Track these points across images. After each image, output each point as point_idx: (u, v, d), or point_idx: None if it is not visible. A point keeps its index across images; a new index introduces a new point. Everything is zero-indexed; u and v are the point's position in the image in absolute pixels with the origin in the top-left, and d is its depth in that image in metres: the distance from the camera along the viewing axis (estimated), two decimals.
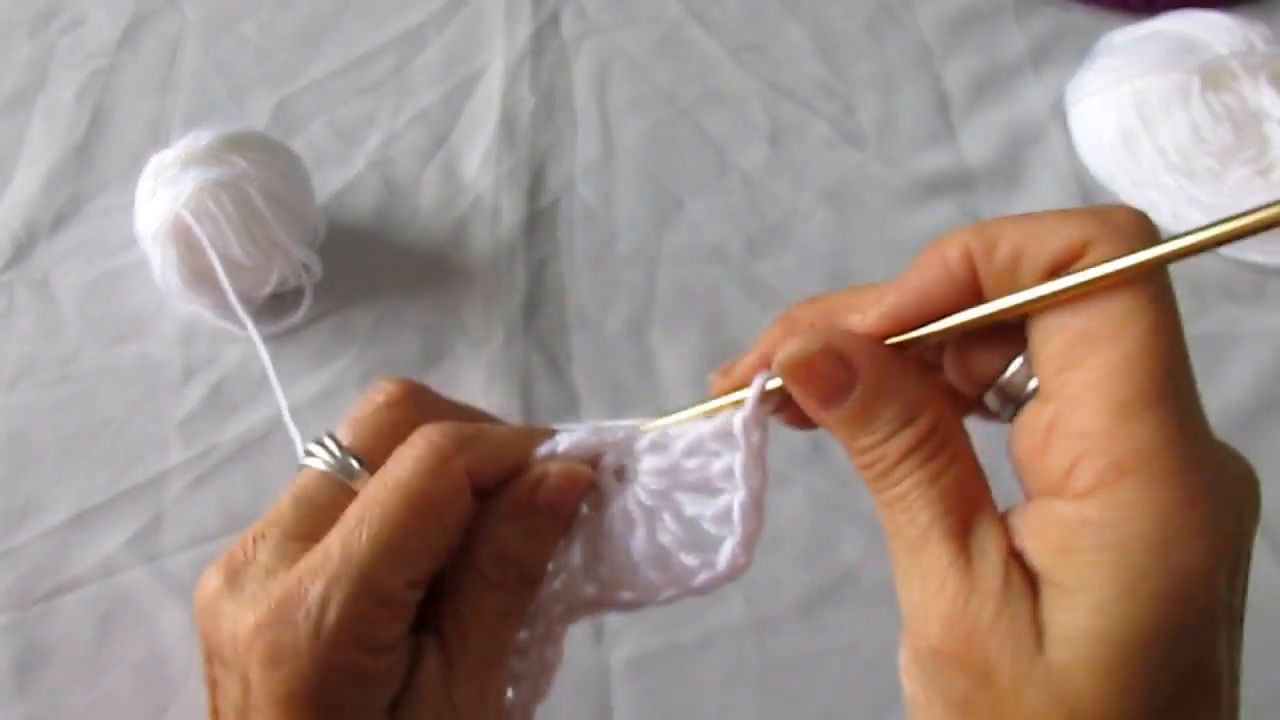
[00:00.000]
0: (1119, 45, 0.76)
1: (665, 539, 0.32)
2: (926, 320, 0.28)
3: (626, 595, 0.33)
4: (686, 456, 0.32)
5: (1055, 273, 0.25)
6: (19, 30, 0.83)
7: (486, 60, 0.81)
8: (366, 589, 0.28)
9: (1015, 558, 0.25)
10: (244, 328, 0.62)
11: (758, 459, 0.31)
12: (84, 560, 0.57)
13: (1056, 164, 0.75)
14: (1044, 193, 0.73)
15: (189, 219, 0.61)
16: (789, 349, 0.28)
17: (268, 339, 0.64)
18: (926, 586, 0.25)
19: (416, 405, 0.34)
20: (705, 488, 0.32)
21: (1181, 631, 0.23)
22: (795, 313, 0.31)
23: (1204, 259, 0.67)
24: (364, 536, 0.29)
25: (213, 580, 0.30)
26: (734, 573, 0.31)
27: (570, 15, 0.84)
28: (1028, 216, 0.26)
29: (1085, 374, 0.24)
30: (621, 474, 0.33)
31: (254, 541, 0.31)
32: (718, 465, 0.32)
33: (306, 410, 0.62)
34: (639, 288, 0.68)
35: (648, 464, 0.33)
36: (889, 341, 0.28)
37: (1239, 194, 0.68)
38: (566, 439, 0.33)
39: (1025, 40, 0.82)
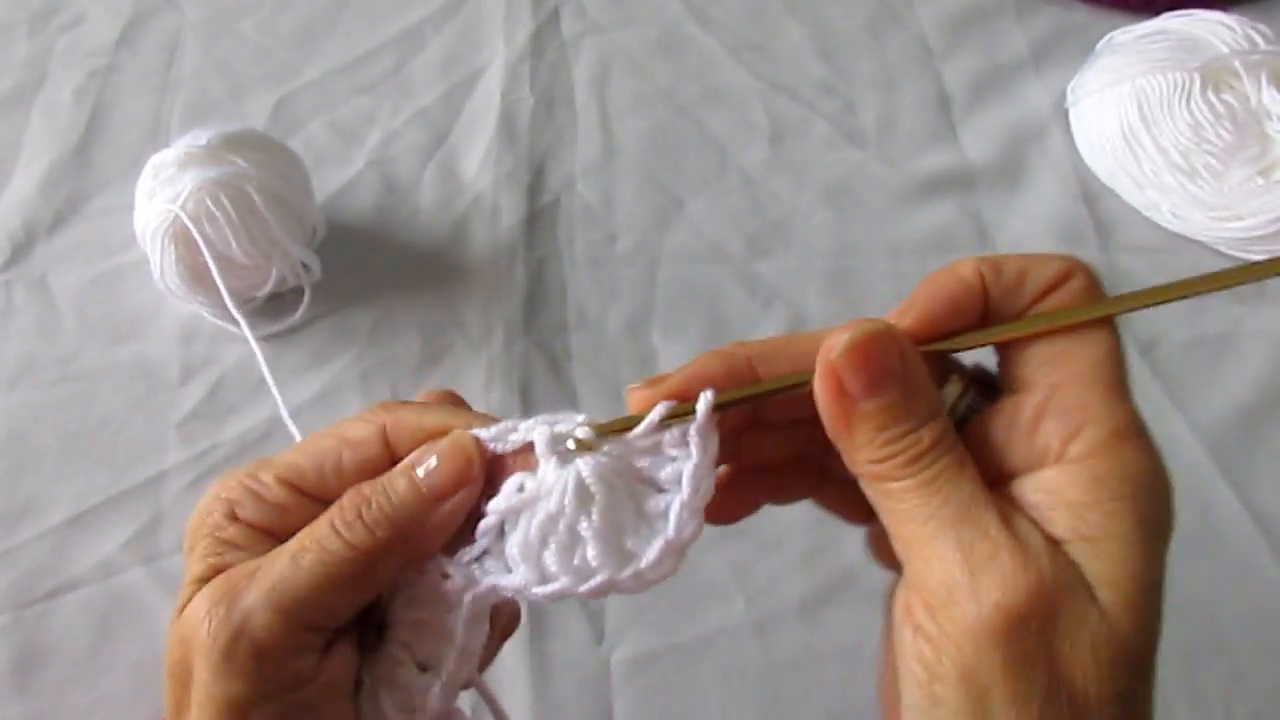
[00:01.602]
0: (1120, 44, 0.76)
1: (622, 515, 0.32)
2: (942, 330, 0.31)
3: (553, 585, 0.32)
4: (639, 453, 0.32)
5: (1050, 291, 0.30)
6: (17, 29, 0.83)
7: (486, 60, 0.81)
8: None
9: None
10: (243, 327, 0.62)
11: (708, 468, 0.32)
12: (83, 560, 0.57)
13: (1058, 163, 0.74)
14: (1045, 192, 0.73)
15: (188, 219, 0.61)
16: (843, 336, 0.29)
17: (267, 339, 0.64)
18: (973, 557, 0.28)
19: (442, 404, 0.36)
20: (651, 485, 0.32)
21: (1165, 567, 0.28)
22: (730, 349, 0.32)
23: (1206, 258, 0.67)
24: None
25: None
26: (653, 573, 0.31)
27: (570, 15, 0.84)
28: (1023, 254, 0.31)
29: (1072, 366, 0.29)
30: (564, 457, 0.32)
31: None
32: (669, 469, 0.32)
33: (306, 410, 0.62)
34: (639, 287, 0.68)
35: (607, 447, 0.32)
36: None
37: (1240, 193, 0.67)
38: (494, 428, 0.32)
39: (1026, 39, 0.82)
